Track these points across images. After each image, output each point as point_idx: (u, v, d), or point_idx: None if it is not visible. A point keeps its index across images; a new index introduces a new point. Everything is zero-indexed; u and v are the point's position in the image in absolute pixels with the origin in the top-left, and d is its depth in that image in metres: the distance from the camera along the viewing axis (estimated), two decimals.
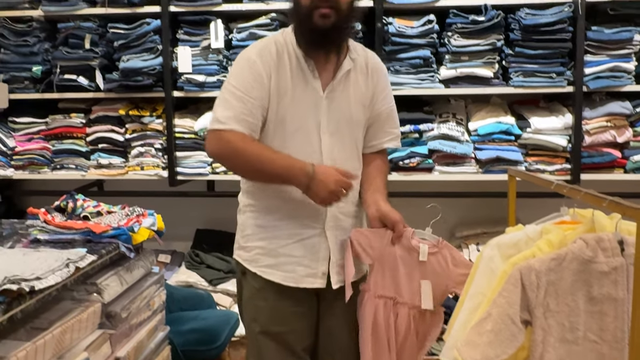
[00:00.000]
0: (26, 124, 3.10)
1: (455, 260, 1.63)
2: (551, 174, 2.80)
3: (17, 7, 3.01)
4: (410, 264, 1.62)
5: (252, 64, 1.55)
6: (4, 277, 1.29)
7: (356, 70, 1.65)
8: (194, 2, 2.86)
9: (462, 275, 1.59)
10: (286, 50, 1.59)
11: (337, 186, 1.50)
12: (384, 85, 1.72)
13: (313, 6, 1.49)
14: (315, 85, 1.59)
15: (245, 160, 1.53)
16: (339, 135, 1.62)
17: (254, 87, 1.53)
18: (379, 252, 1.62)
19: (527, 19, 2.68)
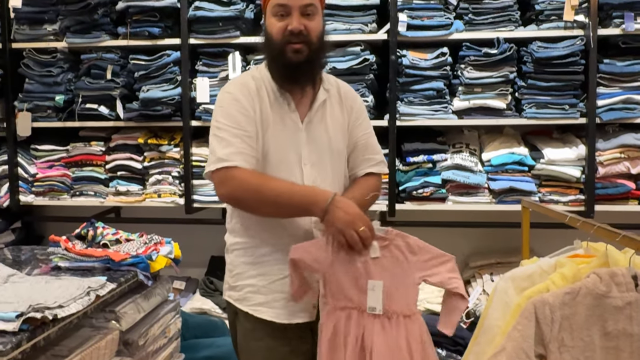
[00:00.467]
0: (48, 152, 3.18)
1: (412, 247, 1.48)
2: (565, 205, 2.80)
3: (42, 39, 3.12)
4: (365, 264, 1.47)
5: (237, 101, 1.56)
6: (28, 305, 1.33)
7: (331, 100, 1.66)
8: (212, 35, 2.94)
9: (425, 262, 1.47)
10: (263, 85, 1.60)
11: (357, 219, 1.44)
12: (359, 112, 1.72)
13: (285, 42, 1.52)
14: (293, 117, 1.60)
15: (261, 197, 1.49)
16: (321, 166, 1.61)
17: (246, 121, 1.54)
18: (326, 261, 1.48)
19: (539, 52, 2.72)
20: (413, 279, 1.47)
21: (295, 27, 1.50)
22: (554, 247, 1.94)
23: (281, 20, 1.52)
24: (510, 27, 2.81)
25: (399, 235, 1.48)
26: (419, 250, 1.48)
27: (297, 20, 1.51)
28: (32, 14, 3.10)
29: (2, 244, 3.20)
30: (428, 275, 1.46)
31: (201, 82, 2.95)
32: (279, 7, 1.52)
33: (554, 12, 2.75)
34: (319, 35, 1.56)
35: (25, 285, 1.58)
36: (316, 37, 1.55)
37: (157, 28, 2.96)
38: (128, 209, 3.32)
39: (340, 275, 1.48)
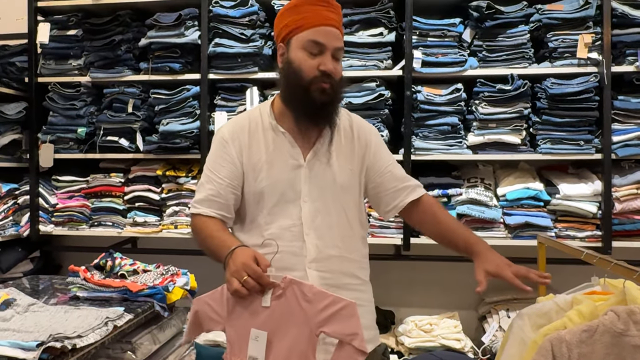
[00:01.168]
0: (68, 182, 3.25)
1: (306, 295, 1.33)
2: (582, 241, 2.78)
3: (67, 74, 3.23)
4: (256, 315, 1.36)
5: (224, 145, 1.57)
6: (48, 334, 1.35)
7: (339, 134, 1.61)
8: (231, 71, 3.02)
9: (321, 310, 1.31)
10: (261, 125, 1.59)
11: (242, 268, 1.33)
12: (377, 145, 1.67)
13: (315, 80, 1.49)
14: (294, 154, 1.56)
15: (200, 244, 1.55)
16: (323, 202, 1.55)
17: (224, 166, 1.55)
18: (224, 314, 1.39)
19: (554, 88, 2.75)
20: (309, 330, 1.32)
21: (329, 69, 1.48)
22: (571, 283, 1.93)
23: (313, 58, 1.49)
24: (524, 64, 2.84)
25: (294, 282, 1.34)
26: (314, 297, 1.32)
27: (331, 61, 1.50)
28: (59, 50, 3.22)
29: (20, 273, 3.25)
30: (323, 325, 1.31)
31: (219, 115, 3.02)
32: (314, 44, 1.49)
33: (567, 50, 2.78)
34: (342, 77, 1.57)
35: (45, 314, 1.61)
36: (340, 79, 1.55)
37: (177, 64, 3.05)
38: (144, 239, 3.36)
39: (237, 328, 1.38)
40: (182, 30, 3.02)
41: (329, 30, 1.49)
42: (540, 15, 2.80)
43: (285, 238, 1.51)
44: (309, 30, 1.48)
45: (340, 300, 1.31)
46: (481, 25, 2.84)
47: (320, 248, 1.52)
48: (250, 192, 1.56)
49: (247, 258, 1.34)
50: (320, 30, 1.48)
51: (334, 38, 1.50)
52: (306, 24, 1.49)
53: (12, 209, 3.23)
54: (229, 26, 2.99)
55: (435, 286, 3.29)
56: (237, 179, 1.56)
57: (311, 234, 1.52)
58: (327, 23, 1.49)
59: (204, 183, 1.58)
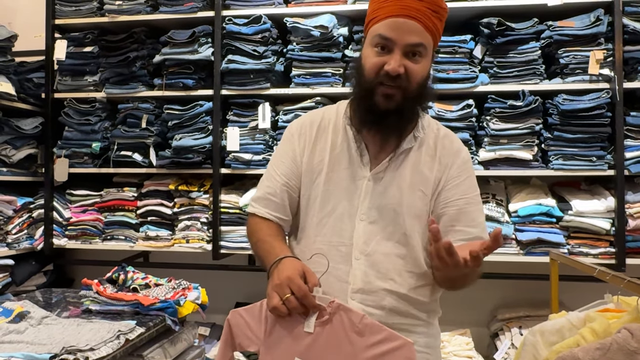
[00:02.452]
0: (82, 196, 3.29)
1: (356, 326, 1.16)
2: (595, 258, 2.75)
3: (83, 90, 3.28)
4: (298, 341, 1.19)
5: (290, 138, 1.44)
6: (61, 347, 1.36)
7: (420, 151, 1.37)
8: (244, 87, 3.06)
9: (372, 347, 1.15)
10: (333, 124, 1.42)
11: (286, 283, 1.17)
12: (460, 171, 1.37)
13: (377, 82, 1.27)
14: (361, 164, 1.36)
15: (251, 245, 1.43)
16: (382, 225, 1.33)
17: (284, 163, 1.41)
18: (260, 333, 1.24)
19: (565, 105, 2.74)
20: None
21: (393, 69, 1.24)
22: (584, 300, 1.91)
23: (380, 55, 1.27)
24: (535, 80, 2.85)
25: (342, 308, 1.18)
26: (364, 329, 1.16)
27: (398, 60, 1.25)
28: (75, 66, 3.28)
29: (34, 286, 3.28)
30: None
31: (232, 131, 3.05)
32: (381, 39, 1.26)
33: (578, 66, 2.78)
34: (421, 81, 1.29)
35: (58, 327, 1.63)
36: (417, 83, 1.28)
37: (191, 80, 3.09)
38: (156, 253, 3.38)
39: (274, 351, 1.22)
40: (196, 47, 3.06)
41: (402, 22, 1.24)
42: (552, 31, 2.81)
43: (331, 257, 1.30)
44: (381, 22, 1.27)
45: (396, 337, 1.14)
46: (492, 42, 2.85)
47: (369, 277, 1.30)
48: (305, 196, 1.40)
49: (293, 272, 1.18)
50: (390, 23, 1.25)
51: (407, 32, 1.25)
52: (381, 15, 1.27)
53: (26, 222, 3.28)
54: (242, 43, 3.03)
55: (447, 303, 3.23)
56: (295, 178, 1.40)
57: (362, 259, 1.31)
58: (403, 13, 1.24)
59: (264, 180, 1.45)
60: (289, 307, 1.16)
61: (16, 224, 3.20)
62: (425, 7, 1.26)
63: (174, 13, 3.13)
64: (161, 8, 3.17)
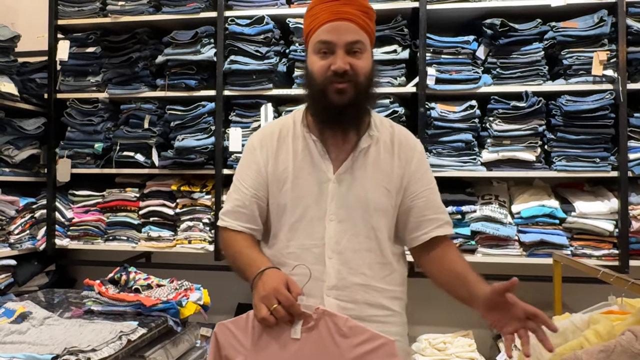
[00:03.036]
0: (85, 197, 3.29)
1: (341, 329, 1.23)
2: (598, 259, 2.75)
3: (85, 90, 3.28)
4: (286, 348, 1.24)
5: (253, 150, 1.49)
6: (63, 347, 1.36)
7: (378, 148, 1.45)
8: (246, 87, 3.06)
9: (357, 347, 1.22)
10: (292, 133, 1.47)
11: (272, 294, 1.22)
12: (419, 164, 1.47)
13: (328, 82, 1.35)
14: (324, 167, 1.42)
15: (228, 258, 1.47)
16: (351, 223, 1.40)
17: (249, 176, 1.47)
18: (247, 344, 1.27)
19: (568, 106, 2.74)
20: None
21: (339, 67, 1.33)
22: (587, 302, 1.90)
23: (324, 59, 1.36)
24: (538, 81, 2.84)
25: (327, 314, 1.24)
26: (349, 331, 1.23)
27: (342, 58, 1.34)
28: (77, 67, 3.28)
29: (36, 286, 3.28)
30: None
31: (234, 132, 3.04)
32: (322, 44, 1.36)
33: (582, 67, 2.78)
34: (367, 74, 1.38)
35: (60, 328, 1.62)
36: (364, 76, 1.36)
37: (193, 80, 3.09)
38: (158, 254, 3.38)
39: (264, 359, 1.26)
40: (198, 48, 3.06)
41: (337, 25, 1.34)
42: (555, 32, 2.81)
43: (305, 259, 1.37)
44: (318, 30, 1.36)
45: (378, 337, 1.22)
46: (495, 43, 2.85)
47: (342, 274, 1.38)
48: (273, 204, 1.45)
49: (278, 283, 1.23)
50: (328, 27, 1.35)
51: (345, 32, 1.34)
52: (316, 24, 1.37)
53: (29, 222, 3.28)
54: (245, 43, 3.03)
55: (449, 304, 3.21)
56: (262, 189, 1.46)
57: (334, 258, 1.38)
58: (337, 17, 1.35)
59: (232, 193, 1.49)
60: (277, 316, 1.21)
61: (18, 224, 3.20)
62: (355, 9, 1.36)
63: (177, 14, 3.13)
64: (164, 8, 3.17)
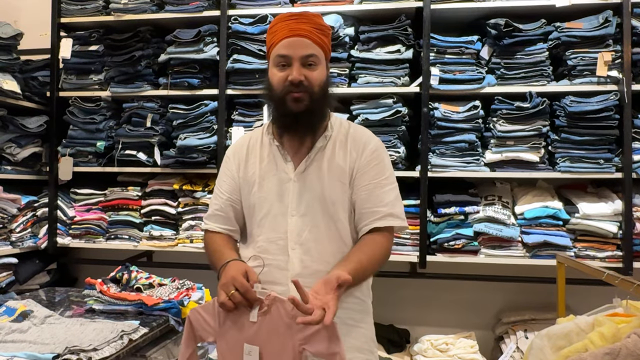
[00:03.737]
0: (87, 195, 3.28)
1: (289, 312, 1.35)
2: (602, 261, 2.73)
3: (88, 88, 3.28)
4: (246, 330, 1.40)
5: (227, 160, 1.67)
6: (64, 346, 1.35)
7: (333, 146, 1.59)
8: (249, 86, 3.05)
9: (302, 329, 1.32)
10: (259, 142, 1.64)
11: (230, 282, 1.37)
12: (369, 158, 1.57)
13: (286, 91, 1.49)
14: (285, 168, 1.57)
15: (207, 257, 1.61)
16: (311, 216, 1.53)
17: (225, 181, 1.64)
18: (215, 327, 1.44)
19: (573, 106, 2.72)
20: (293, 346, 1.35)
21: (294, 78, 1.47)
22: (590, 304, 1.89)
23: (282, 71, 1.50)
24: (542, 82, 2.83)
25: (277, 300, 1.37)
26: (297, 314, 1.30)
27: (298, 70, 1.48)
28: (80, 65, 3.27)
29: (37, 284, 3.27)
30: (305, 343, 1.34)
31: (236, 131, 3.04)
32: (280, 57, 1.50)
33: (586, 68, 2.76)
34: (321, 84, 1.52)
35: (61, 326, 1.61)
36: (318, 86, 1.51)
37: (196, 79, 3.08)
38: (160, 253, 3.37)
39: (227, 341, 1.42)
40: (201, 47, 3.05)
41: (294, 40, 1.49)
42: (559, 33, 2.79)
43: (271, 251, 1.53)
44: (277, 45, 1.50)
45: None
46: (499, 43, 2.84)
47: (305, 263, 1.50)
48: (245, 205, 1.61)
49: (236, 272, 1.39)
50: (285, 43, 1.49)
51: (300, 47, 1.49)
52: (276, 39, 1.51)
53: (30, 221, 3.27)
54: (247, 42, 3.02)
55: (451, 305, 3.25)
56: (235, 193, 1.62)
57: (297, 249, 1.51)
58: (293, 34, 1.49)
59: (212, 199, 1.67)
60: (234, 301, 1.36)
61: (20, 223, 3.19)
62: (310, 27, 1.50)
63: (180, 12, 3.13)
64: (167, 7, 3.16)
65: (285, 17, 1.52)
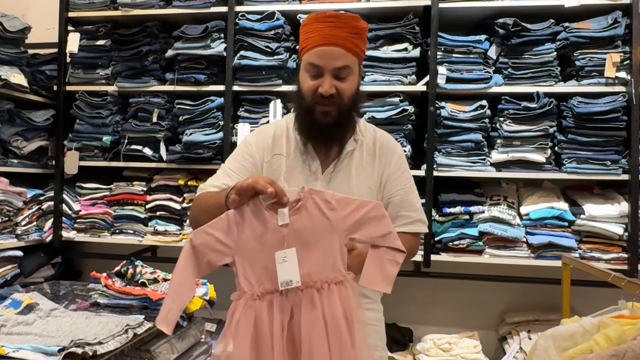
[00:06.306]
0: (92, 190, 3.29)
1: (330, 203, 1.22)
2: (607, 263, 2.72)
3: (95, 83, 3.28)
4: (275, 236, 1.20)
5: (248, 146, 1.56)
6: (70, 339, 1.36)
7: (361, 151, 1.58)
8: (255, 83, 3.04)
9: (348, 216, 1.21)
10: (285, 135, 1.58)
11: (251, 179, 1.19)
12: (397, 165, 1.60)
13: (314, 102, 1.45)
14: (313, 167, 1.54)
15: (198, 210, 1.45)
16: None
17: (245, 166, 1.53)
18: (232, 242, 1.20)
19: (580, 107, 2.71)
20: (338, 239, 1.21)
21: (325, 92, 1.43)
22: (595, 305, 1.88)
23: (313, 79, 1.45)
24: (550, 82, 2.82)
25: (314, 192, 1.22)
26: (337, 204, 1.22)
27: (329, 83, 1.43)
28: (87, 59, 3.28)
29: (42, 278, 3.28)
30: (353, 230, 1.21)
31: (242, 127, 3.04)
32: (312, 66, 1.45)
33: (594, 69, 2.75)
34: (352, 95, 1.49)
35: (66, 320, 1.62)
36: (348, 98, 1.47)
37: (203, 75, 3.08)
38: (164, 248, 3.37)
39: (250, 257, 1.20)
40: (208, 42, 3.05)
41: (328, 50, 1.43)
42: (568, 33, 2.78)
43: None
44: (310, 51, 1.45)
45: (366, 203, 1.22)
46: (507, 43, 2.83)
47: None
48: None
49: (253, 177, 1.21)
50: (318, 52, 1.43)
51: (333, 58, 1.43)
52: (309, 45, 1.45)
53: (36, 214, 3.28)
54: (255, 39, 3.02)
55: (455, 305, 3.25)
56: None
57: None
58: (328, 42, 1.43)
59: (221, 176, 1.52)
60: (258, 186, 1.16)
61: (26, 216, 3.20)
62: (345, 32, 1.43)
63: (187, 8, 3.13)
64: (174, 2, 3.16)
65: (320, 18, 1.45)
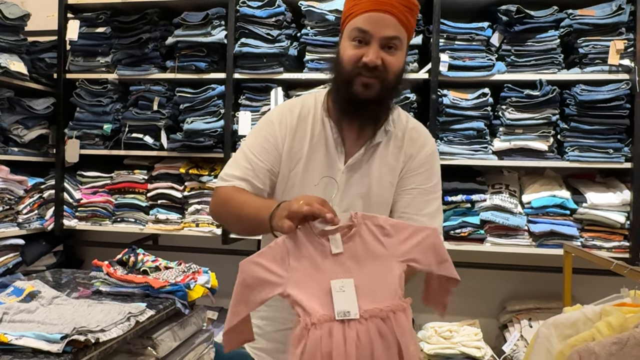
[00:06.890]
0: (93, 178, 3.29)
1: (385, 229, 1.16)
2: (608, 251, 2.72)
3: (95, 71, 3.27)
4: (330, 264, 1.14)
5: (270, 124, 1.44)
6: (72, 327, 1.36)
7: (389, 144, 1.43)
8: (256, 70, 3.03)
9: (404, 242, 1.17)
10: (312, 114, 1.44)
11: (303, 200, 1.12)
12: (420, 163, 1.44)
13: (356, 73, 1.31)
14: (336, 156, 1.41)
15: (227, 209, 1.37)
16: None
17: (266, 149, 1.42)
18: (284, 273, 1.13)
19: (583, 95, 2.70)
20: (395, 264, 1.16)
21: (370, 61, 1.28)
22: (596, 294, 1.89)
23: (357, 48, 1.31)
24: (553, 70, 2.80)
25: (366, 217, 1.16)
26: (392, 229, 1.17)
27: (376, 53, 1.29)
28: (87, 47, 3.26)
29: (43, 266, 3.29)
30: (409, 255, 1.17)
31: (243, 115, 3.02)
32: (359, 32, 1.30)
33: (598, 56, 2.73)
34: (397, 72, 1.34)
35: (69, 307, 1.62)
36: (393, 74, 1.32)
37: (203, 63, 3.06)
38: (166, 237, 3.38)
39: (301, 288, 1.12)
40: (209, 30, 3.03)
41: (378, 16, 1.29)
42: (571, 20, 2.76)
43: None
44: (358, 16, 1.30)
45: (422, 229, 1.18)
46: (510, 30, 2.80)
47: None
48: (282, 181, 1.43)
49: (304, 197, 1.14)
50: (367, 17, 1.29)
51: (383, 25, 1.29)
52: (357, 10, 1.31)
53: (37, 202, 3.28)
54: (256, 26, 3.00)
55: (456, 292, 3.20)
56: (277, 164, 1.42)
57: None
58: (379, 8, 1.29)
59: (240, 160, 1.42)
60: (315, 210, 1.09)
61: (27, 204, 3.20)
62: (399, 3, 1.30)
63: None
64: None
65: None
